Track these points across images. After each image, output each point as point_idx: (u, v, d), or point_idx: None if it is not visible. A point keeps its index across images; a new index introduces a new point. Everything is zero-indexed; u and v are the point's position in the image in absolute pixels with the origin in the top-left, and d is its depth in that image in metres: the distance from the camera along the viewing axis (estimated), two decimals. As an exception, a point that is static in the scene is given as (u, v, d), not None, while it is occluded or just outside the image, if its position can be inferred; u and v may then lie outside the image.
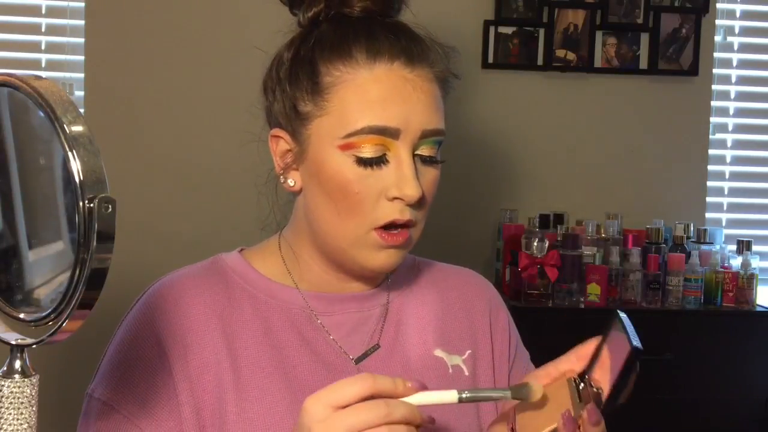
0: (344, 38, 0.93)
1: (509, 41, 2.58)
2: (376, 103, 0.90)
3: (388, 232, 0.92)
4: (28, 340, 0.63)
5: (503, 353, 1.08)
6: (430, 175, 0.94)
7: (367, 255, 0.93)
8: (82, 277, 0.59)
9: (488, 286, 1.13)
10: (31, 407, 0.62)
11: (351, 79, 0.91)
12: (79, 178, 0.58)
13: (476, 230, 2.59)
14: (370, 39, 0.92)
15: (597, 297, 2.31)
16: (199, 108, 2.51)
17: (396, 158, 0.91)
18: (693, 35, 2.64)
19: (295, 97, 0.94)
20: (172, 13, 2.50)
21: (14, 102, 0.62)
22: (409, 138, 0.91)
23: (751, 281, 2.39)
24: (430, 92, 0.93)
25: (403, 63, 0.92)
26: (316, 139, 0.93)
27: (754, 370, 2.34)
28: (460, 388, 0.97)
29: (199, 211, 2.50)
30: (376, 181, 0.90)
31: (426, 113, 0.91)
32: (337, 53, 0.92)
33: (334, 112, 0.91)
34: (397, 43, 0.93)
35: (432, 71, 0.94)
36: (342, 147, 0.90)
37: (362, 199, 0.90)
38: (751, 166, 2.76)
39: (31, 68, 2.45)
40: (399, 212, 0.91)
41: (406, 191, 0.90)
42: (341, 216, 0.92)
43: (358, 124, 0.90)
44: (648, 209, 2.64)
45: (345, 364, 0.97)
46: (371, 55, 0.91)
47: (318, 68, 0.93)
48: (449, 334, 1.05)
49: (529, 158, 2.64)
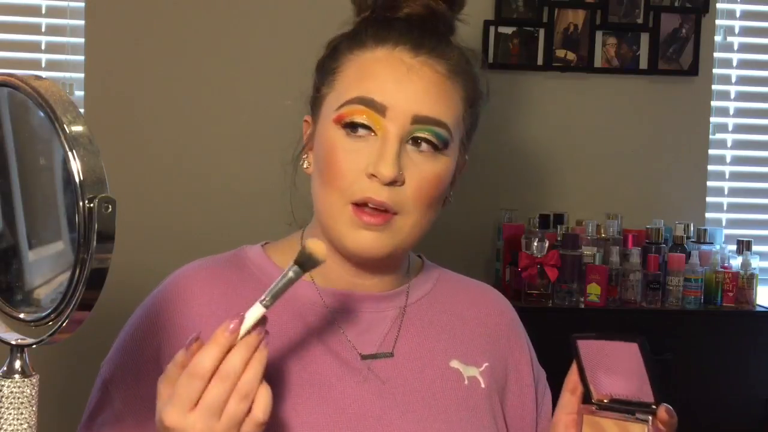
0: (362, 28, 0.98)
1: (509, 41, 2.58)
2: (368, 77, 0.93)
3: (361, 209, 0.92)
4: (28, 340, 0.63)
5: (526, 373, 1.07)
6: (426, 166, 0.93)
7: (345, 231, 0.93)
8: (82, 277, 0.59)
9: (508, 304, 1.12)
10: (31, 407, 0.62)
11: (355, 59, 0.95)
12: (79, 178, 0.58)
13: (476, 230, 2.59)
14: (383, 28, 0.96)
15: (597, 297, 2.31)
16: (200, 108, 2.51)
17: (382, 137, 0.92)
18: (693, 35, 2.63)
19: (319, 82, 0.99)
20: (173, 13, 2.50)
21: (14, 102, 0.62)
22: (399, 119, 0.91)
23: (751, 281, 2.39)
24: (433, 80, 0.93)
25: (407, 48, 0.94)
26: (323, 117, 0.97)
27: (754, 370, 2.34)
28: (477, 400, 0.98)
29: (200, 211, 2.50)
30: (359, 156, 0.92)
31: (418, 98, 0.92)
32: (353, 39, 0.97)
33: (337, 89, 0.96)
34: (408, 33, 0.95)
35: (444, 63, 0.95)
36: (335, 119, 0.93)
37: (343, 171, 0.92)
38: (751, 166, 2.76)
39: (31, 68, 2.45)
40: (374, 191, 0.91)
41: (380, 169, 0.90)
42: (324, 187, 0.94)
43: (349, 95, 0.93)
44: (648, 209, 2.64)
45: (354, 361, 0.96)
46: (378, 40, 0.95)
47: (337, 54, 0.98)
48: (467, 346, 1.03)
49: (529, 158, 2.63)
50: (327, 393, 0.93)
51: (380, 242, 0.93)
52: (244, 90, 2.51)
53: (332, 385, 0.94)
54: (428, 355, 1.00)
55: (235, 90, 2.51)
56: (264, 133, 2.40)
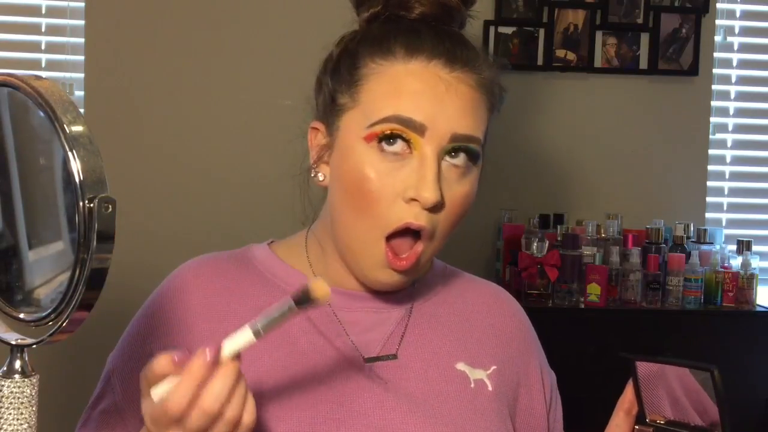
0: (388, 34, 0.92)
1: (509, 41, 2.58)
2: (404, 94, 0.88)
3: (395, 252, 0.90)
4: (28, 340, 0.63)
5: (536, 378, 1.05)
6: (460, 189, 0.91)
7: (371, 266, 0.91)
8: (82, 277, 0.59)
9: (519, 307, 1.10)
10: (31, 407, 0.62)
11: (385, 71, 0.90)
12: (79, 178, 0.58)
13: (476, 230, 2.59)
14: (412, 36, 0.91)
15: (597, 297, 2.31)
16: (200, 107, 2.51)
17: (420, 157, 0.87)
18: (693, 35, 2.63)
19: (334, 89, 0.93)
20: (173, 13, 2.50)
21: (14, 102, 0.62)
22: (437, 139, 0.87)
23: (751, 281, 2.39)
24: (468, 96, 0.90)
25: (442, 63, 0.89)
26: (345, 132, 0.91)
27: (754, 370, 2.34)
28: (483, 403, 0.97)
29: (200, 211, 2.50)
30: (394, 180, 0.87)
31: (457, 116, 0.88)
32: (378, 47, 0.91)
33: (364, 102, 0.90)
34: (440, 44, 0.91)
35: (476, 77, 0.91)
36: (367, 138, 0.88)
37: (378, 197, 0.88)
38: (751, 166, 2.76)
39: (31, 68, 2.45)
40: (414, 216, 0.88)
41: (422, 192, 0.86)
42: (355, 214, 0.90)
43: (384, 113, 0.88)
44: (648, 209, 2.64)
45: (355, 361, 0.95)
46: (410, 51, 0.90)
47: (358, 61, 0.92)
48: (474, 348, 1.00)
49: (529, 158, 2.64)
50: (329, 393, 0.93)
51: (402, 280, 0.93)
52: (244, 89, 2.51)
53: (334, 385, 0.93)
54: (433, 357, 0.98)
55: (235, 89, 2.51)
56: (264, 132, 2.40)
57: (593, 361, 2.18)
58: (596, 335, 2.24)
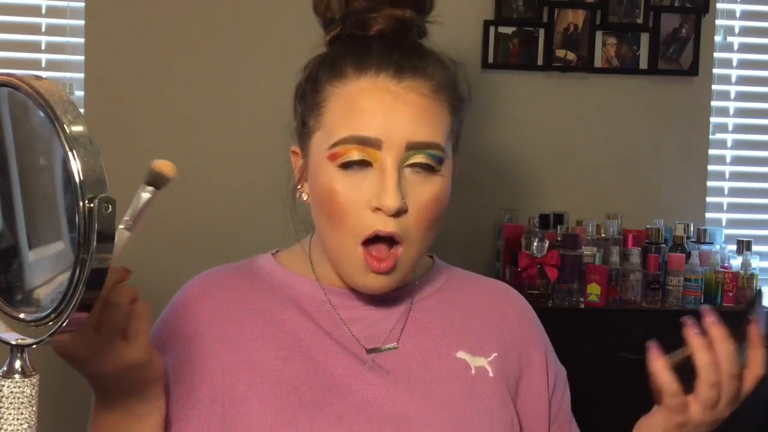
0: (339, 55, 0.96)
1: (509, 41, 2.58)
2: (357, 113, 0.92)
3: (372, 256, 0.93)
4: (28, 340, 0.63)
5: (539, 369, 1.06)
6: (426, 189, 0.94)
7: (355, 274, 0.96)
8: (82, 277, 0.59)
9: (523, 300, 1.12)
10: (31, 407, 0.62)
11: (340, 92, 0.94)
12: (79, 178, 0.58)
13: (476, 230, 2.59)
14: (361, 54, 0.95)
15: (597, 297, 2.31)
16: (200, 108, 2.51)
17: (380, 168, 0.92)
18: (693, 35, 2.63)
19: (304, 114, 0.99)
20: (173, 13, 2.50)
21: (14, 102, 0.62)
22: (394, 149, 0.91)
23: (751, 281, 2.39)
24: (419, 105, 0.93)
25: (390, 75, 0.93)
26: (314, 152, 0.97)
27: (754, 370, 2.33)
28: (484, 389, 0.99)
29: (200, 211, 2.50)
30: (360, 191, 0.92)
31: (410, 125, 0.92)
32: (331, 69, 0.96)
33: (326, 124, 0.95)
34: (387, 57, 0.94)
35: (428, 84, 0.94)
36: (329, 157, 0.93)
37: (346, 209, 0.92)
38: (751, 166, 2.76)
39: (31, 68, 2.45)
40: (382, 223, 0.92)
41: (384, 201, 0.91)
42: (331, 224, 0.95)
43: (341, 133, 0.92)
44: (648, 209, 2.64)
45: (359, 353, 0.98)
46: (359, 69, 0.94)
47: (318, 85, 0.97)
48: (475, 337, 1.03)
49: (529, 158, 2.63)
50: (332, 384, 0.95)
51: (388, 283, 0.96)
52: (244, 89, 2.51)
53: (337, 376, 0.96)
54: (433, 346, 1.01)
55: (235, 89, 2.51)
56: (264, 132, 2.40)
57: (593, 361, 2.19)
58: (596, 335, 2.24)
